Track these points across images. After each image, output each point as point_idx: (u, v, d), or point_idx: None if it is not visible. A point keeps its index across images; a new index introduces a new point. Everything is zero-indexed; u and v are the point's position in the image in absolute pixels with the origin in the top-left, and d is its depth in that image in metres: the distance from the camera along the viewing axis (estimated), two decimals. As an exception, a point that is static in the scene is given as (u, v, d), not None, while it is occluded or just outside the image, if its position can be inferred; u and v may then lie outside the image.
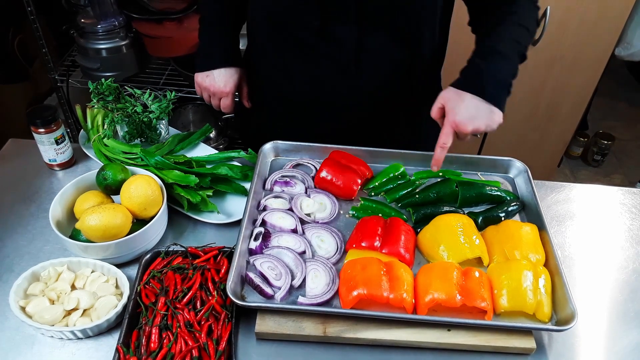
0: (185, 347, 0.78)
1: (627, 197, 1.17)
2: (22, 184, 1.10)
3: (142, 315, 0.82)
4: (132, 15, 1.73)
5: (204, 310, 0.83)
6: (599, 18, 1.87)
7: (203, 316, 0.82)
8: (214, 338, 0.80)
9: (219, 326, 0.82)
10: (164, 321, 0.81)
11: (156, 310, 0.81)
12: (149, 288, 0.86)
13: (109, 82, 1.12)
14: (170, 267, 0.89)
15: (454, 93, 0.94)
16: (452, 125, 0.92)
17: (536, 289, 0.85)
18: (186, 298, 0.84)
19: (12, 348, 0.81)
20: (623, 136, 2.94)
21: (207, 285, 0.86)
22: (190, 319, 0.81)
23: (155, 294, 0.85)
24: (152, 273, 0.88)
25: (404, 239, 0.92)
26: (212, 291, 0.85)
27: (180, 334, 0.79)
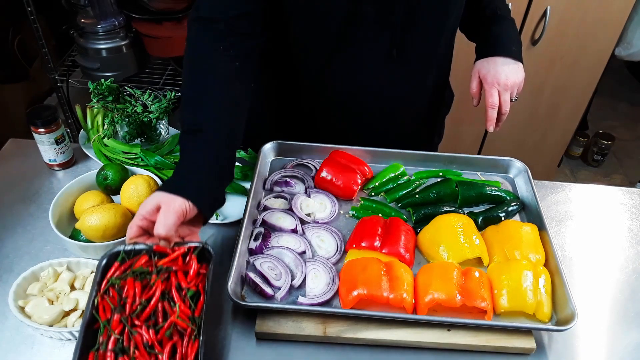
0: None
1: (627, 197, 1.17)
2: (22, 184, 1.10)
3: (99, 332, 0.71)
4: (132, 15, 1.73)
5: (164, 328, 0.71)
6: (599, 18, 1.87)
7: (164, 334, 0.71)
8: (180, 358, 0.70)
9: (183, 345, 0.71)
10: (120, 344, 0.69)
11: (110, 330, 0.70)
12: (107, 299, 0.73)
13: (109, 82, 1.12)
14: (132, 272, 0.75)
15: (485, 62, 1.08)
16: (494, 85, 1.04)
17: (536, 289, 0.85)
18: (145, 312, 0.72)
19: (11, 348, 0.81)
20: (623, 136, 2.94)
21: (171, 295, 0.74)
22: (150, 339, 0.70)
23: (111, 310, 0.72)
24: (111, 281, 0.75)
25: (404, 239, 0.92)
26: (176, 300, 0.73)
27: (138, 358, 0.68)
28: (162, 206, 0.77)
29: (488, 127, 1.05)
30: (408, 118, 1.18)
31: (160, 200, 0.77)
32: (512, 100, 1.07)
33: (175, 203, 0.77)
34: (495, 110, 1.04)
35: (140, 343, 0.70)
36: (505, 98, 1.05)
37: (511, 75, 1.05)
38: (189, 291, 0.74)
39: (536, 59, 1.98)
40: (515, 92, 1.07)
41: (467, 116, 2.02)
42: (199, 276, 0.77)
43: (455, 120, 1.93)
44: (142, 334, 0.70)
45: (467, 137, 2.22)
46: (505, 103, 1.05)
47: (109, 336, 0.70)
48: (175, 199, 0.77)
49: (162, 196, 0.78)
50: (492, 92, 1.04)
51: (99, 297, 0.74)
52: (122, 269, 0.77)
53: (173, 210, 0.76)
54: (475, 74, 1.09)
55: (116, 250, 0.78)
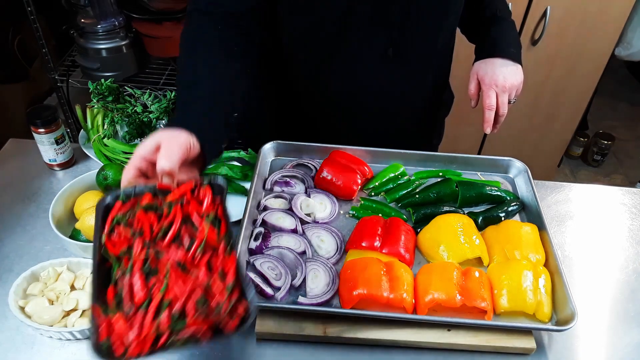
0: (182, 290, 0.62)
1: (627, 197, 1.17)
2: (22, 184, 1.10)
3: (113, 270, 0.65)
4: (132, 15, 1.73)
5: (196, 244, 0.66)
6: (599, 18, 1.87)
7: (197, 251, 0.65)
8: (218, 272, 0.65)
9: (219, 260, 0.66)
10: (148, 266, 0.64)
11: (133, 256, 0.64)
12: (114, 238, 0.67)
13: (109, 82, 1.13)
14: (141, 207, 0.69)
15: (483, 63, 1.07)
16: (492, 86, 1.04)
17: (536, 289, 0.85)
18: (169, 235, 0.66)
19: (11, 348, 0.81)
20: (623, 136, 2.94)
21: (192, 220, 0.69)
22: (181, 258, 0.64)
23: (128, 239, 0.67)
24: (116, 218, 0.68)
25: (404, 239, 0.92)
26: (199, 225, 0.68)
27: (173, 276, 0.62)
28: (163, 143, 0.71)
29: (485, 129, 1.05)
30: (407, 118, 1.18)
31: (160, 138, 0.72)
32: (510, 102, 1.06)
33: (179, 137, 0.72)
34: (493, 112, 1.04)
35: (172, 262, 0.64)
36: (503, 100, 1.04)
37: (509, 77, 1.04)
38: (208, 216, 0.69)
39: (536, 59, 1.98)
40: (513, 94, 1.06)
41: (467, 116, 2.02)
42: (213, 206, 0.72)
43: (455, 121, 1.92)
44: (171, 254, 0.65)
45: (467, 137, 2.22)
46: (503, 105, 1.04)
47: (132, 263, 0.64)
48: (178, 134, 0.72)
49: (162, 134, 0.72)
50: (489, 93, 1.04)
51: (104, 237, 0.67)
52: (125, 208, 0.70)
53: (177, 143, 0.71)
54: (473, 75, 1.09)
55: (114, 193, 0.71)
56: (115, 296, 0.63)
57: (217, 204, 0.73)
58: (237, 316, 0.62)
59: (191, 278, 0.63)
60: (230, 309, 0.62)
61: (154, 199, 0.70)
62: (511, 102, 1.07)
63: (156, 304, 0.61)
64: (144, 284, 0.63)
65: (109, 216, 0.69)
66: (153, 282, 0.63)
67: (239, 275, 0.65)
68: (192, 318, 0.61)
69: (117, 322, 0.60)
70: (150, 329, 0.60)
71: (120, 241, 0.67)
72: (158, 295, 0.62)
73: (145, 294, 0.62)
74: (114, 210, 0.70)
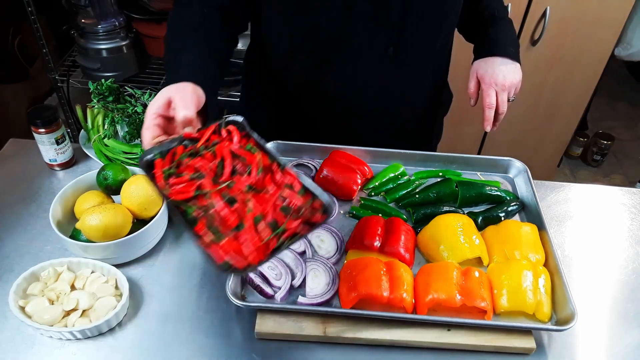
0: (265, 206, 0.70)
1: (626, 197, 1.17)
2: (23, 184, 1.10)
3: (188, 214, 0.71)
4: (133, 15, 1.74)
5: (255, 168, 0.74)
6: (599, 18, 1.88)
7: (257, 174, 0.74)
8: (285, 186, 0.73)
9: (277, 176, 0.75)
10: (226, 196, 0.71)
11: (209, 193, 0.71)
12: (173, 189, 0.73)
13: (109, 83, 1.13)
14: (181, 157, 0.76)
15: (483, 62, 1.08)
16: (491, 85, 1.04)
17: (536, 288, 0.85)
18: (227, 170, 0.74)
19: (11, 348, 0.81)
20: (623, 136, 2.94)
21: (236, 153, 0.77)
22: (250, 183, 0.73)
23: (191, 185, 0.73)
24: (165, 172, 0.75)
25: (404, 239, 0.93)
26: (245, 155, 0.77)
27: (254, 197, 0.71)
28: (175, 96, 0.76)
29: (485, 127, 1.06)
30: (407, 118, 1.18)
31: (169, 93, 0.76)
32: (509, 100, 1.07)
33: (187, 88, 0.77)
34: (493, 111, 1.05)
35: (244, 188, 0.72)
36: (503, 98, 1.05)
37: (509, 76, 1.05)
38: (247, 147, 0.77)
39: (536, 59, 1.99)
40: (512, 92, 1.07)
41: (466, 116, 2.02)
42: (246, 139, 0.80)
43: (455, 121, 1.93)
44: (240, 183, 0.73)
45: (467, 137, 2.22)
46: (502, 103, 1.05)
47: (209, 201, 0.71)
48: (185, 86, 0.77)
49: (169, 89, 0.77)
50: (489, 92, 1.05)
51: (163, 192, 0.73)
52: (167, 162, 0.76)
53: (188, 93, 0.76)
54: (473, 74, 1.09)
55: (150, 154, 0.76)
56: (209, 228, 0.69)
57: (245, 140, 0.81)
58: (318, 211, 0.72)
59: (265, 196, 0.72)
60: (310, 208, 0.72)
61: (185, 149, 0.77)
62: (510, 100, 1.07)
63: (251, 221, 0.69)
64: (231, 210, 0.70)
65: (157, 174, 0.75)
66: (236, 208, 0.71)
67: (303, 182, 0.74)
68: (285, 222, 0.70)
69: (228, 245, 0.67)
70: (258, 241, 0.68)
71: (184, 188, 0.73)
72: (248, 215, 0.70)
73: (236, 217, 0.70)
74: (158, 168, 0.76)
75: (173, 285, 0.91)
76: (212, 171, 0.75)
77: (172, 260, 0.95)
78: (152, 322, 0.85)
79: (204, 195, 0.72)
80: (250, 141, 0.80)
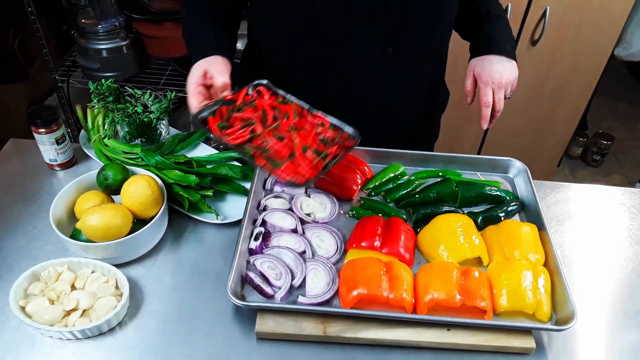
0: (307, 139, 0.92)
1: (626, 197, 1.17)
2: (23, 184, 1.10)
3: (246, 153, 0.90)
4: (133, 15, 1.73)
5: (292, 114, 0.97)
6: (599, 18, 1.88)
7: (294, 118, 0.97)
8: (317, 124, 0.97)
9: (309, 118, 0.98)
10: (276, 134, 0.93)
11: (262, 133, 0.93)
12: (230, 137, 0.92)
13: (109, 83, 1.13)
14: (229, 113, 0.95)
15: (479, 60, 1.08)
16: (488, 83, 1.04)
17: (536, 288, 0.85)
18: (270, 116, 0.95)
19: (12, 348, 0.81)
20: (622, 136, 2.94)
21: (275, 106, 0.98)
22: (290, 123, 0.96)
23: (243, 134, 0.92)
24: (219, 125, 0.93)
25: (404, 239, 0.93)
26: (279, 106, 0.98)
27: (298, 134, 0.93)
28: (210, 67, 0.95)
29: (482, 125, 1.06)
30: (405, 117, 1.19)
31: (203, 66, 0.95)
32: (506, 98, 1.07)
33: (218, 59, 0.97)
34: (489, 109, 1.05)
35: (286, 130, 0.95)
36: (500, 96, 1.05)
37: (505, 73, 1.05)
38: (278, 100, 0.99)
39: (536, 59, 1.99)
40: (509, 90, 1.07)
41: (466, 116, 2.02)
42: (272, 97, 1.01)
43: (455, 120, 1.93)
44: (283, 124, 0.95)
45: (467, 137, 2.22)
46: (499, 101, 1.05)
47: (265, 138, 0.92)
48: (215, 58, 0.97)
49: (203, 63, 0.96)
50: (486, 90, 1.05)
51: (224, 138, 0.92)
52: (217, 119, 0.94)
53: (221, 63, 0.96)
54: (470, 72, 1.09)
55: (202, 114, 0.93)
56: (267, 160, 0.90)
57: (275, 94, 1.02)
58: (347, 140, 0.96)
59: (305, 132, 0.96)
60: (340, 137, 0.96)
61: (228, 108, 0.96)
62: (507, 97, 1.07)
63: (300, 151, 0.91)
64: (282, 145, 0.92)
65: (213, 127, 0.93)
66: (286, 142, 0.92)
67: (330, 121, 0.98)
68: (327, 148, 0.93)
69: (287, 168, 0.89)
70: (310, 162, 0.91)
71: (241, 134, 0.93)
72: (296, 146, 0.92)
73: (288, 149, 0.92)
74: (212, 123, 0.94)
75: (173, 285, 0.91)
76: (259, 119, 0.95)
77: (172, 260, 0.95)
78: (152, 322, 0.85)
79: (257, 136, 0.93)
80: (279, 97, 1.01)
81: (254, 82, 1.01)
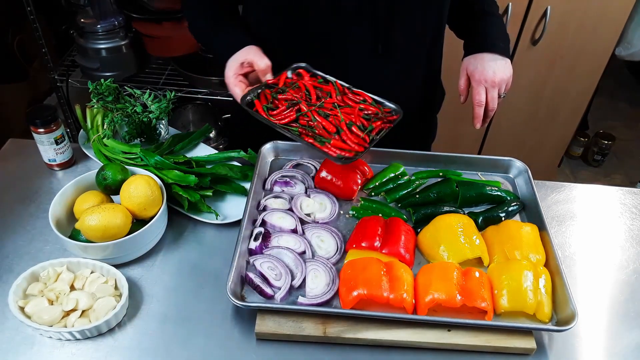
0: (350, 116, 0.97)
1: (627, 197, 1.17)
2: (22, 184, 1.10)
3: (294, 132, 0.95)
4: (132, 15, 1.73)
5: (334, 92, 1.02)
6: (599, 18, 1.87)
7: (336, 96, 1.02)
8: (359, 101, 1.02)
9: (350, 96, 1.03)
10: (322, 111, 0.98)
11: (308, 112, 0.97)
12: (277, 117, 0.97)
13: (109, 83, 1.12)
14: (276, 92, 1.01)
15: (472, 58, 1.07)
16: (481, 82, 1.04)
17: (536, 289, 0.84)
18: (314, 96, 1.00)
19: (11, 348, 0.81)
20: (623, 136, 2.94)
21: (317, 87, 1.03)
22: (334, 101, 1.00)
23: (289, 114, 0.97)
24: (265, 107, 0.98)
25: (404, 239, 0.92)
26: (320, 86, 1.03)
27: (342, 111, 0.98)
28: (247, 55, 0.99)
29: (475, 125, 1.05)
30: None
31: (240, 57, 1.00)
32: (500, 97, 1.06)
33: (252, 48, 1.01)
34: (482, 108, 1.04)
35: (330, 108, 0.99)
36: (493, 95, 1.04)
37: (499, 72, 1.04)
38: (319, 81, 1.05)
39: (536, 59, 1.98)
40: (503, 88, 1.06)
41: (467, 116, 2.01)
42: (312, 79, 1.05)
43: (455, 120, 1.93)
44: (327, 102, 0.99)
45: (467, 137, 2.22)
46: (492, 100, 1.04)
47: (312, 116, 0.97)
48: (249, 48, 1.01)
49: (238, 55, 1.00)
50: (479, 89, 1.04)
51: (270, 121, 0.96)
52: (263, 101, 1.00)
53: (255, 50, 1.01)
54: (463, 71, 1.09)
55: (247, 97, 0.99)
56: (315, 138, 0.95)
57: (314, 75, 1.06)
58: (390, 116, 1.01)
59: (348, 109, 0.99)
60: (383, 112, 1.01)
61: (272, 91, 1.01)
62: (501, 96, 1.06)
63: (345, 127, 0.96)
64: (328, 122, 0.97)
65: (260, 110, 0.98)
66: (331, 119, 0.97)
67: (372, 97, 1.02)
68: (371, 122, 0.98)
69: (335, 144, 0.93)
70: (356, 138, 0.95)
71: (287, 114, 0.98)
72: (342, 123, 0.96)
73: (333, 126, 0.96)
74: (259, 105, 0.99)
75: (173, 286, 0.91)
76: (303, 99, 1.00)
77: (171, 261, 0.95)
78: (151, 323, 0.85)
79: (303, 115, 0.97)
80: (318, 77, 1.05)
81: (292, 66, 1.05)
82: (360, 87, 1.08)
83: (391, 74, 1.08)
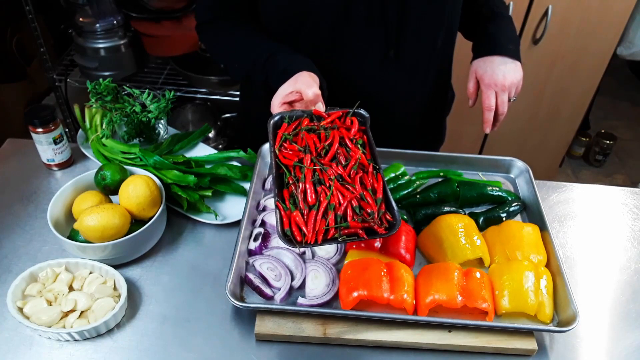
0: (343, 199, 0.79)
1: (629, 197, 1.17)
2: (20, 184, 1.09)
3: (285, 176, 0.83)
4: (131, 14, 1.73)
5: (352, 163, 0.84)
6: (601, 17, 1.87)
7: (352, 169, 0.83)
8: (368, 188, 0.82)
9: (369, 178, 0.83)
10: (316, 176, 0.82)
11: (305, 168, 0.82)
12: (283, 151, 0.87)
13: (107, 82, 1.12)
14: (303, 129, 0.89)
15: (482, 62, 1.06)
16: (491, 86, 1.02)
17: (537, 289, 0.84)
18: (329, 154, 0.85)
19: (10, 349, 0.81)
20: (625, 136, 2.93)
21: (345, 142, 0.88)
22: (342, 173, 0.83)
23: (297, 155, 0.85)
24: (285, 136, 0.88)
25: (405, 240, 0.92)
26: (351, 147, 0.87)
27: (336, 186, 0.80)
28: (297, 80, 0.89)
29: (485, 129, 1.04)
30: (410, 120, 1.17)
31: (290, 85, 0.89)
32: (510, 101, 1.05)
33: (304, 73, 0.90)
34: (492, 113, 1.03)
35: (334, 176, 0.82)
36: (503, 99, 1.03)
37: (509, 75, 1.03)
38: (357, 141, 0.88)
39: (537, 59, 1.98)
40: (513, 92, 1.05)
41: (468, 116, 2.01)
42: (360, 133, 0.91)
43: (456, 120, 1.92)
44: (332, 169, 0.83)
45: (468, 137, 2.21)
46: (502, 104, 1.03)
47: (303, 174, 0.82)
48: (301, 73, 0.90)
49: (295, 79, 0.89)
50: (489, 93, 1.03)
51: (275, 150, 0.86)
52: (290, 128, 0.89)
53: (307, 76, 0.90)
54: (472, 74, 1.07)
55: (281, 115, 0.90)
56: (290, 197, 0.81)
57: (361, 133, 0.91)
58: (386, 223, 0.79)
59: (349, 190, 0.81)
60: (379, 217, 0.79)
61: (311, 123, 0.89)
62: (511, 100, 1.05)
63: (324, 206, 0.78)
64: (314, 191, 0.80)
65: (279, 133, 0.89)
66: (321, 190, 0.80)
67: (385, 192, 0.82)
68: (352, 220, 0.77)
69: (295, 217, 0.78)
70: (321, 225, 0.77)
71: (291, 155, 0.86)
72: (325, 200, 0.79)
73: (315, 198, 0.80)
74: (282, 129, 0.89)
75: (172, 286, 0.90)
76: (317, 151, 0.86)
77: (170, 261, 0.95)
78: (150, 324, 0.85)
79: (300, 168, 0.84)
80: (363, 138, 0.90)
81: (355, 109, 0.93)
82: (371, 92, 1.05)
83: (402, 79, 1.06)
